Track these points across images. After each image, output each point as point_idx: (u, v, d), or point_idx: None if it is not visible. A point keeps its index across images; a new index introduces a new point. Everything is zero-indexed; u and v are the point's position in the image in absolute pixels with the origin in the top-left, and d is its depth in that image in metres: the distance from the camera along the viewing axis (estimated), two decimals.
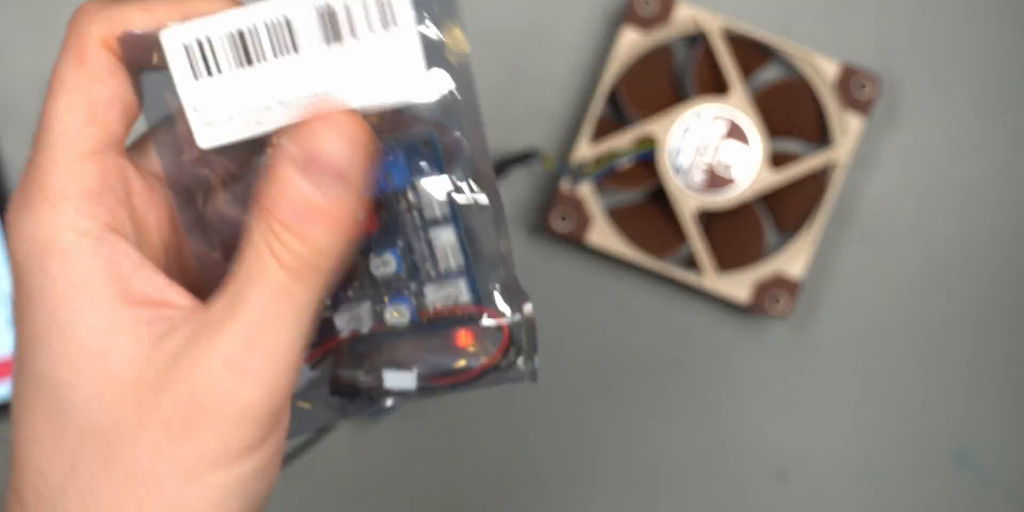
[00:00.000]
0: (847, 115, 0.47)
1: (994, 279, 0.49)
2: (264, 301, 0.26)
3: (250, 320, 0.26)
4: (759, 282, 0.46)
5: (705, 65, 0.47)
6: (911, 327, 0.49)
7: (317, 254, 0.26)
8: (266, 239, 0.26)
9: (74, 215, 0.27)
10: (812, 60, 0.47)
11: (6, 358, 0.47)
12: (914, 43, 0.49)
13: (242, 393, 0.26)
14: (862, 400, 0.49)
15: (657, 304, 0.48)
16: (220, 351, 0.26)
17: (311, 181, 0.26)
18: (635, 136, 0.46)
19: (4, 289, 0.47)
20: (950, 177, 0.49)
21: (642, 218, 0.47)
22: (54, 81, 0.28)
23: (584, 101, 0.48)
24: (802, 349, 0.49)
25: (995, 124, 0.49)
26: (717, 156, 0.46)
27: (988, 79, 0.49)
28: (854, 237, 0.49)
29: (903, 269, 0.49)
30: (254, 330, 0.26)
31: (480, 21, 0.48)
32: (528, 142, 0.48)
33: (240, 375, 0.26)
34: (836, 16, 0.49)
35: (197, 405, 0.26)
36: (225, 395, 0.26)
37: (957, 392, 0.49)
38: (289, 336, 0.26)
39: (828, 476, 0.49)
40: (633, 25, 0.46)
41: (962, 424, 0.49)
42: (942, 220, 0.49)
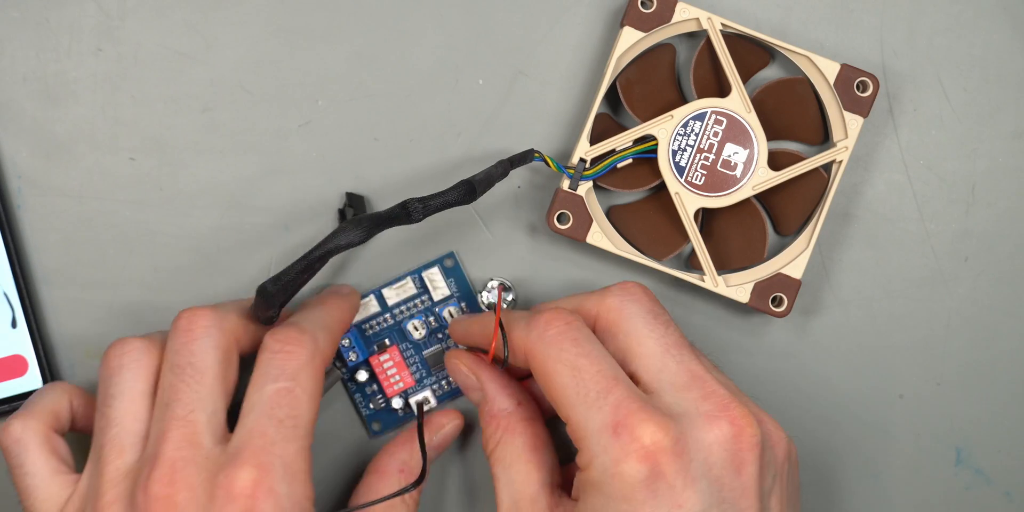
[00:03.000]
0: (847, 115, 0.47)
1: (994, 279, 0.49)
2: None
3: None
4: (759, 282, 0.46)
5: (705, 65, 0.47)
6: (911, 327, 0.49)
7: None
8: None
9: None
10: (812, 60, 0.47)
11: (6, 358, 0.47)
12: (914, 43, 0.49)
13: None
14: (862, 400, 0.49)
15: None
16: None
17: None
18: (635, 136, 0.46)
19: (3, 289, 0.47)
20: (950, 177, 0.49)
21: (642, 218, 0.47)
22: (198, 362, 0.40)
23: (584, 101, 0.48)
24: (802, 349, 0.49)
25: (995, 124, 0.49)
26: (717, 156, 0.46)
27: (988, 79, 0.49)
28: (854, 237, 0.49)
29: (903, 269, 0.49)
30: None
31: (480, 21, 0.48)
32: (528, 142, 0.48)
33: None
34: (836, 16, 0.49)
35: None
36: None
37: (957, 392, 0.49)
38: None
39: (827, 475, 0.49)
40: (633, 25, 0.46)
41: (962, 424, 0.49)
42: (942, 220, 0.49)
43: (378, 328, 0.47)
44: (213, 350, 0.40)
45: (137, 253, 0.48)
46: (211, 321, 0.41)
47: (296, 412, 0.39)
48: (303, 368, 0.40)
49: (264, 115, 0.48)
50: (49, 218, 0.47)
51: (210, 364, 0.40)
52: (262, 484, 0.37)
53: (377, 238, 0.48)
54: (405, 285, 0.47)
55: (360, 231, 0.39)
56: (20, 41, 0.47)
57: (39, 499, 0.41)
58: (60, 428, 0.43)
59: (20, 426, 0.42)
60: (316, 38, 0.48)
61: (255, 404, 0.39)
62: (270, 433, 0.39)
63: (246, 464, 0.38)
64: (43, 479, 0.41)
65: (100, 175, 0.48)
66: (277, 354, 0.40)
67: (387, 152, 0.48)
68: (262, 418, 0.39)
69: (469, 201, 0.42)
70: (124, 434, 0.40)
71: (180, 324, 0.41)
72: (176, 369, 0.40)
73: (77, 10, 0.48)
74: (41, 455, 0.41)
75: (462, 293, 0.47)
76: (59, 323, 0.47)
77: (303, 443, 0.39)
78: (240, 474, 0.38)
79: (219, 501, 0.37)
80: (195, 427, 0.39)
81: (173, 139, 0.48)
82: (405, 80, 0.48)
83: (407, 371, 0.47)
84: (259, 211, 0.47)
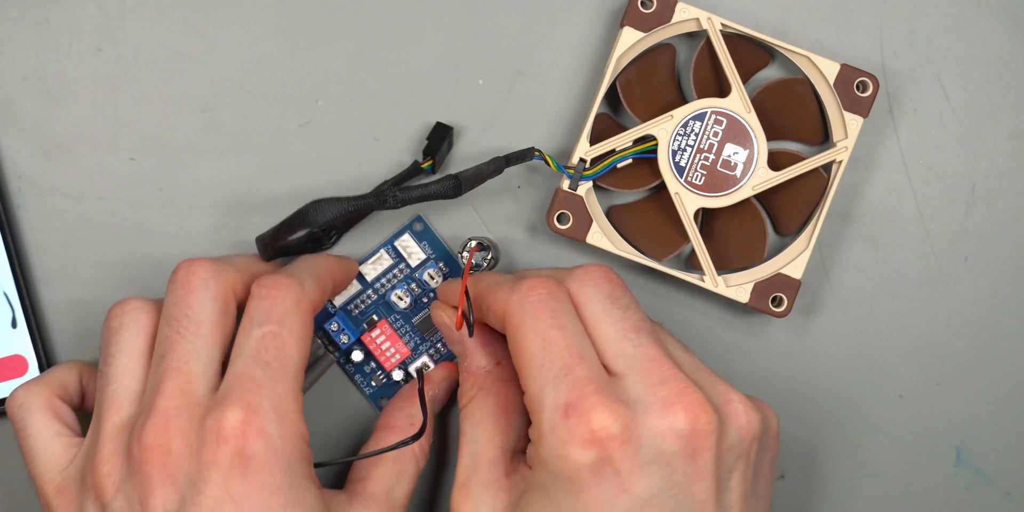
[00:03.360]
0: (847, 115, 0.47)
1: (994, 279, 0.49)
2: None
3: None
4: (759, 282, 0.46)
5: (705, 65, 0.47)
6: (911, 327, 0.49)
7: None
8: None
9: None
10: (812, 60, 0.47)
11: (6, 358, 0.47)
12: (914, 43, 0.49)
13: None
14: (861, 400, 0.49)
15: (657, 304, 0.48)
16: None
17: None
18: (635, 136, 0.46)
19: (3, 289, 0.47)
20: (950, 177, 0.49)
21: (642, 218, 0.47)
22: (193, 311, 0.40)
23: (584, 101, 0.48)
24: (802, 349, 0.49)
25: (995, 124, 0.49)
26: (717, 156, 0.46)
27: (988, 79, 0.49)
28: (854, 237, 0.49)
29: (903, 269, 0.49)
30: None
31: (480, 21, 0.48)
32: (528, 142, 0.48)
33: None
34: (836, 16, 0.49)
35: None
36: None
37: (957, 392, 0.49)
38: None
39: (827, 475, 0.49)
40: (633, 25, 0.46)
41: (962, 424, 0.49)
42: (942, 220, 0.49)
43: (363, 306, 0.47)
44: (210, 302, 0.41)
45: (137, 253, 0.48)
46: (209, 273, 0.41)
47: (283, 354, 0.40)
48: (289, 312, 0.40)
49: (264, 115, 0.48)
50: (49, 218, 0.47)
51: (206, 316, 0.40)
52: (251, 424, 0.38)
53: (372, 237, 0.48)
54: (380, 258, 0.47)
55: (335, 207, 0.41)
56: (20, 41, 0.47)
57: (41, 460, 0.41)
58: (67, 398, 0.43)
59: (24, 392, 0.42)
60: (316, 38, 0.48)
61: (242, 349, 0.40)
62: (258, 376, 0.39)
63: (234, 405, 0.38)
64: (44, 441, 0.41)
65: (100, 175, 0.48)
66: (263, 299, 0.41)
67: (387, 152, 0.48)
68: (250, 362, 0.39)
69: (454, 195, 0.42)
70: (122, 391, 0.41)
71: (178, 276, 0.41)
72: (172, 321, 0.40)
73: (77, 10, 0.48)
74: (43, 418, 0.42)
75: (438, 254, 0.47)
76: (59, 323, 0.47)
77: (292, 384, 0.40)
78: (228, 415, 0.38)
79: (209, 444, 0.38)
80: (189, 377, 0.39)
81: (173, 139, 0.48)
82: (405, 80, 0.48)
83: (400, 342, 0.47)
84: (259, 211, 0.47)
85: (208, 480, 0.37)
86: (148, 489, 0.38)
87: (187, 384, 0.39)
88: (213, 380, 0.40)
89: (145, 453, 0.38)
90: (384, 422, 0.45)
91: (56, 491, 0.40)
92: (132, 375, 0.41)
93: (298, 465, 0.39)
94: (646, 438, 0.38)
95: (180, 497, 0.38)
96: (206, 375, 0.40)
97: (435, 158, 0.46)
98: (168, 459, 0.38)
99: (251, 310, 0.41)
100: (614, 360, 0.40)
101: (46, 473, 0.41)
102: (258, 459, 0.38)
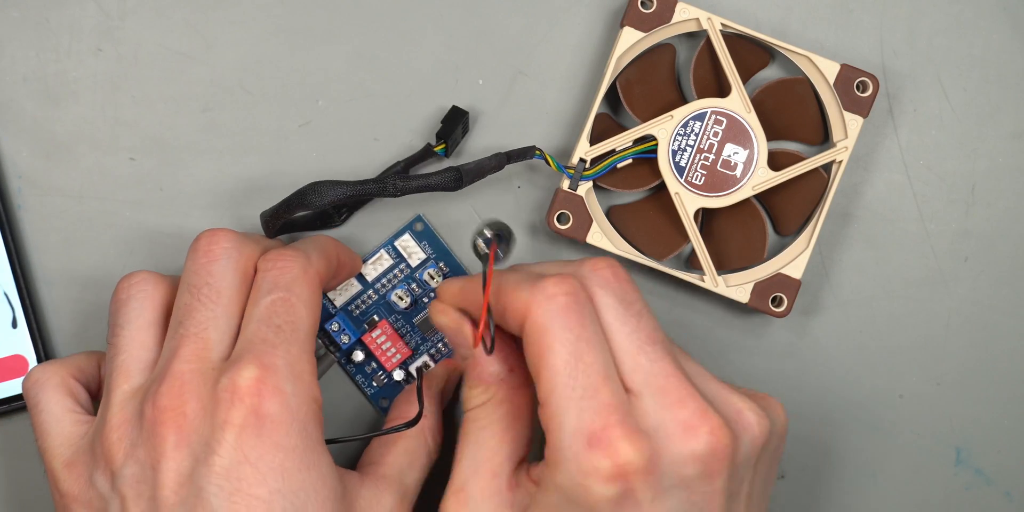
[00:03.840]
0: (847, 115, 0.47)
1: (994, 279, 0.49)
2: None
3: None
4: (759, 282, 0.46)
5: (705, 65, 0.47)
6: (911, 327, 0.49)
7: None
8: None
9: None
10: (812, 60, 0.47)
11: (6, 358, 0.47)
12: (914, 43, 0.49)
13: None
14: (862, 400, 0.49)
15: (657, 304, 0.48)
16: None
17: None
18: (635, 136, 0.46)
19: (3, 289, 0.47)
20: (950, 177, 0.49)
21: (642, 218, 0.47)
22: (214, 276, 0.40)
23: (584, 101, 0.48)
24: (802, 349, 0.49)
25: (995, 124, 0.49)
26: (717, 156, 0.46)
27: (988, 79, 0.49)
28: (854, 237, 0.49)
29: (903, 269, 0.49)
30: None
31: (480, 21, 0.48)
32: (528, 142, 0.48)
33: None
34: (836, 16, 0.49)
35: None
36: None
37: (957, 392, 0.49)
38: None
39: (827, 475, 0.49)
40: (633, 25, 0.46)
41: (962, 424, 0.49)
42: (942, 220, 0.49)
43: (364, 307, 0.47)
44: (232, 272, 0.41)
45: (137, 253, 0.48)
46: (232, 243, 0.41)
47: (293, 318, 0.40)
48: (296, 279, 0.40)
49: (264, 115, 0.48)
50: (49, 218, 0.47)
51: (227, 285, 0.40)
52: (267, 382, 0.37)
53: (372, 234, 0.48)
54: (380, 258, 0.47)
55: (335, 191, 0.41)
56: (20, 41, 0.47)
57: (51, 434, 0.41)
58: (83, 380, 0.43)
59: (41, 370, 0.42)
60: (316, 38, 0.48)
61: (253, 315, 0.40)
62: (270, 337, 0.39)
63: (249, 364, 0.38)
64: (56, 416, 0.41)
65: (100, 175, 0.48)
66: (270, 271, 0.41)
67: (387, 152, 0.48)
68: (261, 325, 0.39)
69: (454, 188, 0.42)
70: (131, 360, 0.40)
71: (200, 245, 0.41)
72: (192, 289, 0.40)
73: (77, 10, 0.48)
74: (56, 394, 0.42)
75: (438, 254, 0.47)
76: (59, 323, 0.47)
77: (305, 346, 0.39)
78: (244, 373, 0.38)
79: (224, 403, 0.37)
80: (207, 344, 0.39)
81: (173, 139, 0.48)
82: (405, 80, 0.48)
83: (401, 342, 0.47)
84: (259, 211, 0.47)
85: (222, 440, 0.37)
86: (161, 452, 0.37)
87: (204, 350, 0.39)
88: (227, 348, 0.40)
89: (159, 415, 0.38)
90: (395, 414, 0.45)
91: (64, 465, 0.40)
92: (142, 344, 0.41)
93: (313, 428, 0.38)
94: (667, 466, 0.37)
95: (193, 460, 0.37)
96: (222, 343, 0.39)
97: (448, 141, 0.46)
98: (183, 421, 0.38)
99: (259, 281, 0.41)
100: (630, 375, 0.38)
101: (55, 448, 0.40)
102: (273, 418, 0.37)
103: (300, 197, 0.42)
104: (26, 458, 0.47)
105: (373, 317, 0.47)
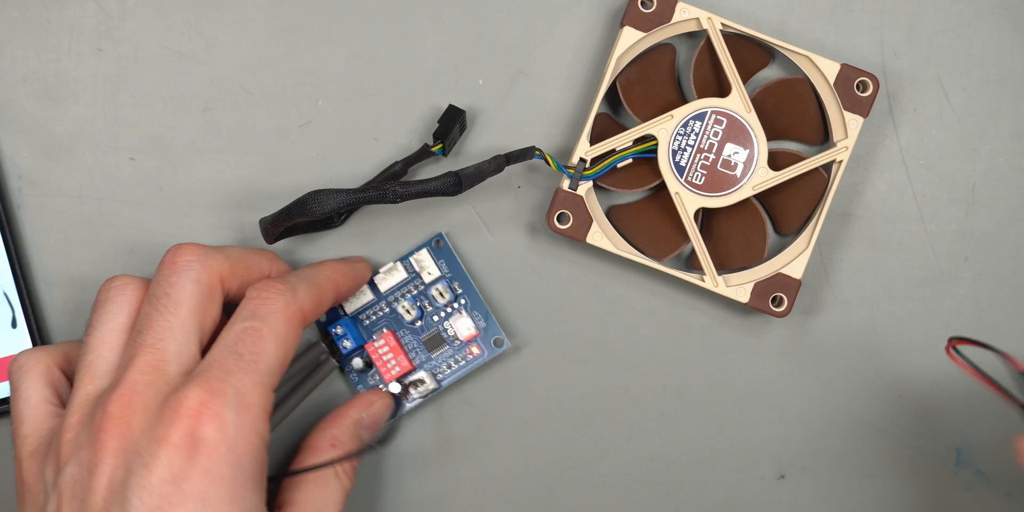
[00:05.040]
0: (847, 115, 0.47)
1: (994, 279, 0.49)
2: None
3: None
4: (759, 282, 0.46)
5: (705, 65, 0.47)
6: (911, 327, 0.49)
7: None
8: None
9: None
10: (812, 60, 0.47)
11: (6, 358, 0.47)
12: (914, 43, 0.49)
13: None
14: (862, 400, 0.49)
15: (657, 304, 0.48)
16: None
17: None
18: (635, 136, 0.46)
19: (3, 289, 0.47)
20: (950, 177, 0.49)
21: (642, 218, 0.47)
22: (175, 291, 0.41)
23: (584, 101, 0.48)
24: (802, 349, 0.49)
25: (995, 124, 0.49)
26: (717, 156, 0.46)
27: (988, 79, 0.49)
28: (854, 237, 0.49)
29: (903, 269, 0.49)
30: None
31: (480, 21, 0.48)
32: (528, 142, 0.48)
33: None
34: (836, 16, 0.49)
35: None
36: None
37: (957, 392, 0.49)
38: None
39: (827, 475, 0.49)
40: (633, 25, 0.46)
41: (962, 424, 0.49)
42: (942, 220, 0.49)
43: (374, 317, 0.47)
44: (192, 284, 0.41)
45: (137, 253, 0.48)
46: (195, 256, 0.41)
47: (258, 349, 0.40)
48: (275, 313, 0.41)
49: (264, 115, 0.48)
50: (49, 218, 0.47)
51: (187, 296, 0.41)
52: (209, 406, 0.38)
53: (373, 234, 0.48)
54: (394, 270, 0.47)
55: (335, 199, 0.41)
56: (20, 41, 0.47)
57: (25, 422, 0.41)
58: (67, 368, 0.43)
59: (27, 356, 0.43)
60: (316, 38, 0.48)
61: (220, 340, 0.40)
62: (228, 364, 0.39)
63: (198, 387, 0.38)
64: (32, 404, 0.42)
65: (100, 175, 0.48)
66: (252, 300, 0.41)
67: (387, 152, 0.48)
68: (224, 350, 0.40)
69: (454, 193, 0.42)
70: (98, 361, 0.41)
71: (166, 258, 0.42)
72: (153, 299, 0.41)
73: (77, 10, 0.48)
74: (38, 383, 0.42)
75: (454, 273, 0.47)
76: (59, 323, 0.47)
77: (262, 379, 0.39)
78: (190, 394, 0.38)
79: (166, 420, 0.38)
80: (162, 355, 0.40)
81: (173, 139, 0.48)
82: (405, 80, 0.48)
83: (403, 355, 0.47)
84: (259, 211, 0.47)
85: (155, 455, 0.37)
86: (100, 458, 0.38)
87: (159, 362, 0.40)
88: (187, 362, 0.40)
89: (105, 422, 0.38)
90: (308, 443, 0.45)
91: (28, 454, 0.41)
92: (110, 347, 0.41)
93: (248, 464, 0.38)
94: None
95: (127, 470, 0.38)
96: (180, 355, 0.40)
97: (446, 141, 0.46)
98: (126, 431, 0.38)
99: (239, 308, 0.41)
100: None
101: (26, 436, 0.41)
102: (208, 443, 0.38)
103: (300, 205, 0.42)
104: None
105: (380, 327, 0.47)
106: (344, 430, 0.45)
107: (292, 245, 0.48)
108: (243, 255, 0.43)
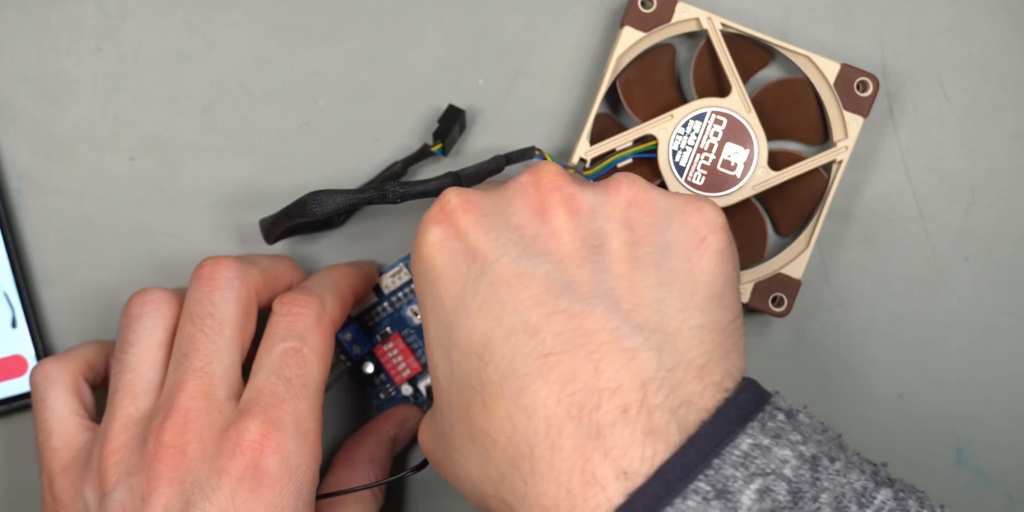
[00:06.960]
0: (847, 115, 0.47)
1: (994, 279, 0.49)
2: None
3: None
4: (759, 282, 0.46)
5: (705, 65, 0.47)
6: (911, 327, 0.49)
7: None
8: None
9: None
10: (812, 60, 0.47)
11: (6, 358, 0.47)
12: (914, 43, 0.49)
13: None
14: (862, 400, 0.49)
15: None
16: None
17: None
18: (635, 136, 0.46)
19: (3, 289, 0.47)
20: (950, 177, 0.49)
21: None
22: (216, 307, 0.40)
23: (584, 101, 0.48)
24: (802, 349, 0.49)
25: (995, 124, 0.49)
26: (717, 156, 0.46)
27: (988, 79, 0.49)
28: (854, 237, 0.49)
29: (903, 269, 0.49)
30: None
31: (480, 21, 0.48)
32: (528, 142, 0.48)
33: None
34: (836, 16, 0.49)
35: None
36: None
37: (957, 392, 0.49)
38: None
39: None
40: (633, 25, 0.46)
41: (962, 424, 0.49)
42: (942, 220, 0.49)
43: (378, 319, 0.47)
44: (234, 302, 0.41)
45: (137, 253, 0.48)
46: (234, 272, 0.41)
47: (304, 371, 0.40)
48: (310, 328, 0.41)
49: (264, 115, 0.48)
50: (49, 218, 0.47)
51: (230, 316, 0.40)
52: (271, 438, 0.38)
53: (373, 234, 0.48)
54: (399, 272, 0.47)
55: (335, 200, 0.41)
56: (20, 41, 0.48)
57: (54, 435, 0.41)
58: (91, 377, 0.43)
59: (52, 365, 0.42)
60: (316, 38, 0.48)
61: (264, 364, 0.40)
62: (280, 391, 0.39)
63: (256, 419, 0.38)
64: (61, 416, 0.41)
65: (100, 175, 0.48)
66: (284, 316, 0.41)
67: (387, 152, 0.48)
68: (271, 377, 0.39)
69: None
70: (139, 380, 0.40)
71: (203, 273, 0.41)
72: (196, 319, 0.40)
73: (77, 10, 0.48)
74: (65, 393, 0.42)
75: None
76: (59, 323, 0.47)
77: (313, 402, 0.40)
78: (250, 427, 0.38)
79: (226, 452, 0.38)
80: (211, 379, 0.39)
81: (173, 139, 0.48)
82: (405, 80, 0.48)
83: (413, 357, 0.47)
84: (259, 211, 0.47)
85: (216, 488, 0.37)
86: (154, 486, 0.38)
87: (209, 386, 0.39)
88: (233, 384, 0.40)
89: (161, 450, 0.38)
90: (345, 457, 0.45)
91: (61, 469, 0.40)
92: (150, 365, 0.41)
93: (308, 490, 0.39)
94: (488, 201, 0.38)
95: (184, 500, 0.37)
96: (227, 377, 0.40)
97: (445, 141, 0.46)
98: (182, 460, 0.38)
99: (273, 326, 0.41)
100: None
101: (57, 450, 0.41)
102: (271, 475, 0.38)
103: (300, 206, 0.42)
104: (26, 458, 0.47)
105: (387, 330, 0.47)
106: (381, 446, 0.45)
107: (292, 245, 0.48)
108: (271, 266, 0.43)
